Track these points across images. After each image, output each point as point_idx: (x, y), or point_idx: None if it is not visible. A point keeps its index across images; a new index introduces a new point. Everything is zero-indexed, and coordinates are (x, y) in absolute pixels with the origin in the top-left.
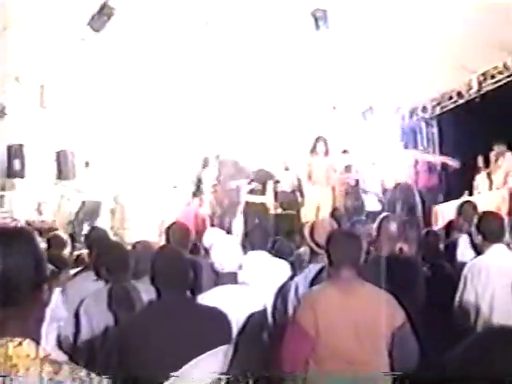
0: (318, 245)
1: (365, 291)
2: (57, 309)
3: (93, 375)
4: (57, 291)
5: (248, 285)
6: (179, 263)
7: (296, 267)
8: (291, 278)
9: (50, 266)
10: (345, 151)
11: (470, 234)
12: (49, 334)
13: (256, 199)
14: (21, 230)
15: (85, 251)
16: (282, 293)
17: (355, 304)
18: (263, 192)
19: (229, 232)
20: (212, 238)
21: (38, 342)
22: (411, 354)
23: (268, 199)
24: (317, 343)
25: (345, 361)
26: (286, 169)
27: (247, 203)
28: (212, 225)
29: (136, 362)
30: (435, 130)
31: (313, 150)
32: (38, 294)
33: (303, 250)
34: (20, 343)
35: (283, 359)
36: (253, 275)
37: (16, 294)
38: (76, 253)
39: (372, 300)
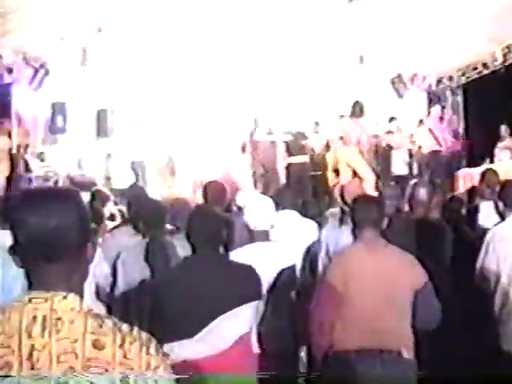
0: (348, 206)
1: (388, 252)
2: (98, 265)
3: (135, 329)
4: (98, 250)
5: (278, 243)
6: (214, 222)
7: (323, 228)
8: (319, 237)
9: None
10: (392, 118)
11: (492, 201)
12: (90, 288)
13: (297, 159)
14: (67, 191)
15: (123, 207)
16: (310, 252)
17: (380, 264)
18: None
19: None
20: (246, 198)
21: (81, 296)
22: (433, 314)
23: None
24: (344, 302)
25: (369, 328)
26: (316, 131)
27: (289, 164)
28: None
29: (170, 315)
30: (460, 98)
31: (352, 114)
32: (82, 252)
33: (333, 210)
34: (65, 297)
35: (311, 318)
36: (283, 234)
37: (61, 251)
38: (115, 208)
39: (395, 260)
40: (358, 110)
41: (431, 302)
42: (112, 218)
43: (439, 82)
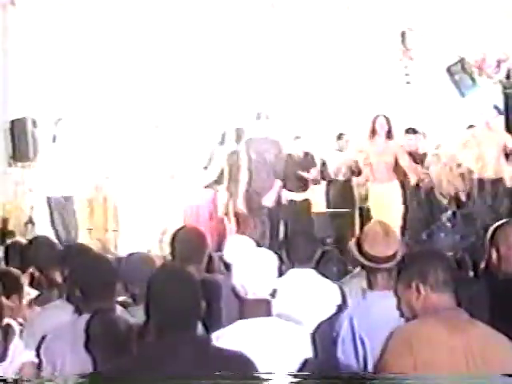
0: (369, 259)
1: (479, 332)
2: (16, 349)
3: None
4: (16, 328)
5: (287, 318)
6: (185, 290)
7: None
8: (339, 309)
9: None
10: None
11: None
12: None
13: (298, 196)
14: None
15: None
16: (326, 332)
17: (472, 351)
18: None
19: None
20: (236, 249)
21: None
22: None
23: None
24: None
25: None
26: (340, 149)
27: (290, 202)
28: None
29: None
30: None
31: (372, 131)
32: None
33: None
34: None
35: None
36: (294, 304)
37: None
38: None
39: (492, 345)
40: (381, 126)
41: None
42: (38, 284)
43: None
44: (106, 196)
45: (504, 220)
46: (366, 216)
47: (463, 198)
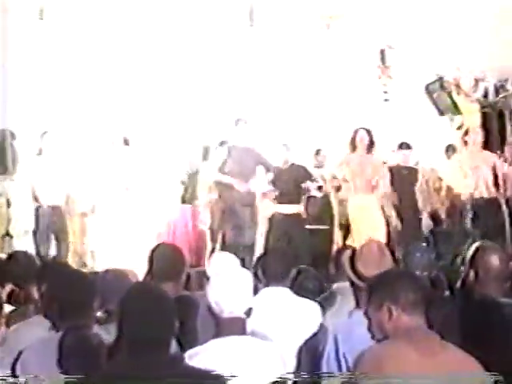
0: (360, 277)
1: (451, 355)
2: None
3: None
4: None
5: (261, 337)
6: (159, 308)
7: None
8: (321, 327)
9: None
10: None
11: None
12: None
13: (287, 209)
14: None
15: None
16: (311, 350)
17: (438, 374)
18: (296, 198)
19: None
20: (217, 267)
21: None
22: None
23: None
24: None
25: None
26: (318, 166)
27: (274, 215)
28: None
29: None
30: None
31: (352, 144)
32: None
33: (341, 285)
34: None
35: None
36: (267, 322)
37: None
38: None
39: (461, 374)
40: (362, 138)
41: None
42: (15, 300)
43: (501, 87)
44: (83, 209)
45: (486, 242)
46: (346, 232)
47: (442, 215)
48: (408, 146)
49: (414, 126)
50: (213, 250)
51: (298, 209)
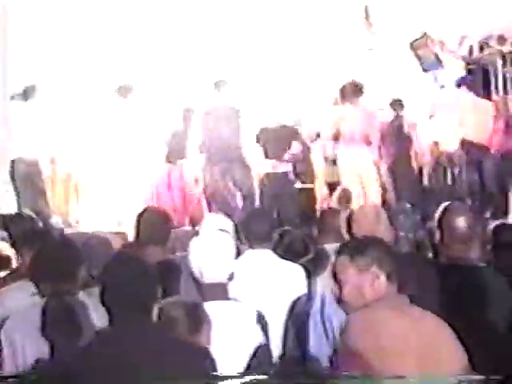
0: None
1: (423, 317)
2: None
3: None
4: None
5: (243, 302)
6: (140, 276)
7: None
8: (308, 290)
9: None
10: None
11: None
12: None
13: (274, 168)
14: None
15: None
16: (295, 314)
17: (423, 336)
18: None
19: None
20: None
21: None
22: None
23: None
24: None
25: None
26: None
27: (267, 175)
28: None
29: None
30: None
31: (343, 97)
32: None
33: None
34: None
35: None
36: (250, 287)
37: None
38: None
39: (436, 332)
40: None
41: None
42: (5, 263)
43: (485, 44)
44: (68, 170)
45: (455, 203)
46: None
47: (426, 173)
48: (401, 104)
49: (398, 82)
50: (203, 212)
51: (285, 168)
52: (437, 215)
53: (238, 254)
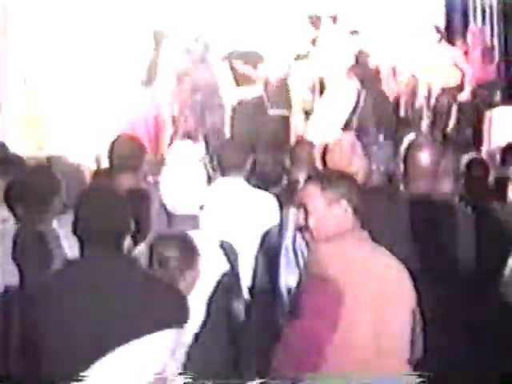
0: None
1: (379, 252)
2: None
3: None
4: None
5: (213, 232)
6: (111, 206)
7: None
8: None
9: None
10: (354, 32)
11: None
12: None
13: (248, 94)
14: None
15: None
16: (266, 244)
17: (376, 268)
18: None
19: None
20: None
21: None
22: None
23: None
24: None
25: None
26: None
27: (239, 103)
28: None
29: (45, 347)
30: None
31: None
32: None
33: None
34: None
35: (289, 342)
36: (221, 217)
37: None
38: None
39: (386, 267)
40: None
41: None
42: None
43: None
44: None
45: (420, 137)
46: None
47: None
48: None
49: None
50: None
51: (257, 92)
52: (402, 149)
53: (209, 181)
